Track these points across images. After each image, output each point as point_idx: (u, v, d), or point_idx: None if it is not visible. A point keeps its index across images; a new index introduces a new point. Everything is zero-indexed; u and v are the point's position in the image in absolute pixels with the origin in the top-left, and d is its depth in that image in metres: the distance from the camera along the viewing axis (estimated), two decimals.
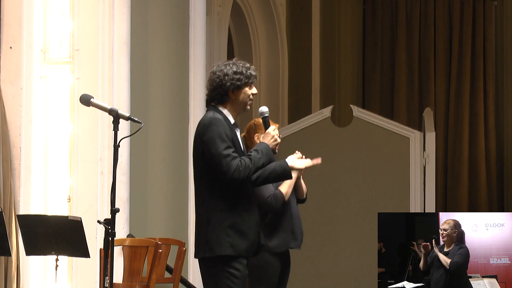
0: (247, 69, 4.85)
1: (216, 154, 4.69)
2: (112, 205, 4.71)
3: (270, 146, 4.86)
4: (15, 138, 7.01)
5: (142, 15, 7.38)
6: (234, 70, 4.81)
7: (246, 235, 4.76)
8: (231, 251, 4.72)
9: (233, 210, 4.74)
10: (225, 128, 4.73)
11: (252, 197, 4.85)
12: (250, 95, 4.88)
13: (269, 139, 4.88)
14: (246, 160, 4.73)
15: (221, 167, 4.68)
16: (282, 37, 11.54)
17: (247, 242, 4.76)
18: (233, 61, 4.89)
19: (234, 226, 4.73)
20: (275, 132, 4.91)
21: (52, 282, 6.90)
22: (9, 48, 7.07)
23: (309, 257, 9.51)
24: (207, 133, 4.73)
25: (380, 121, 9.89)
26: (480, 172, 12.07)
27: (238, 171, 4.68)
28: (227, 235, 4.71)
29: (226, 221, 4.73)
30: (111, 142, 5.37)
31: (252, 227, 4.80)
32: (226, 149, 4.69)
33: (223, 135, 4.71)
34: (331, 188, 9.68)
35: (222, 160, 4.68)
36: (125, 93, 6.98)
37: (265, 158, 4.79)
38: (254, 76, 4.87)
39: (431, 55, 12.42)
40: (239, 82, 4.81)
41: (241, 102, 4.86)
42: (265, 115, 5.00)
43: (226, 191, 4.74)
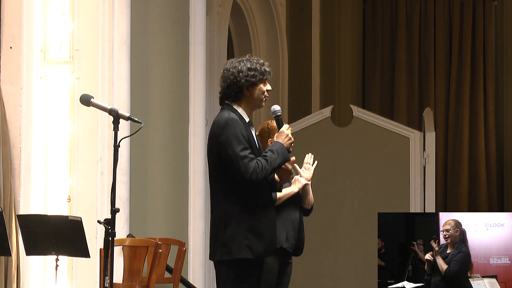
0: (261, 65, 4.79)
1: (233, 155, 4.64)
2: (112, 205, 4.71)
3: (285, 145, 4.81)
4: (15, 138, 7.00)
5: (142, 15, 7.38)
6: (248, 67, 4.76)
7: (264, 236, 4.73)
8: (250, 254, 4.69)
9: (250, 212, 4.71)
10: (241, 129, 4.69)
11: (268, 198, 4.81)
12: (265, 91, 4.82)
13: (283, 138, 4.83)
14: (263, 161, 4.69)
15: (239, 168, 4.64)
16: (282, 37, 11.53)
17: (264, 243, 4.73)
18: (247, 57, 4.83)
19: (251, 229, 4.70)
20: (288, 131, 4.87)
21: (52, 282, 6.90)
22: (9, 48, 7.07)
23: (309, 257, 9.50)
24: (224, 134, 4.68)
25: (380, 121, 9.89)
26: (480, 172, 12.07)
27: (256, 173, 4.64)
28: (245, 238, 4.69)
29: (244, 223, 4.70)
30: (111, 142, 5.37)
31: (269, 228, 4.78)
32: (243, 151, 4.65)
33: (239, 135, 4.66)
34: (331, 188, 9.68)
35: (240, 162, 4.64)
36: (125, 93, 6.98)
37: (281, 158, 4.76)
38: (268, 72, 4.81)
39: (431, 55, 12.42)
40: (254, 79, 4.75)
41: (256, 99, 4.81)
42: (277, 114, 4.94)
43: (242, 192, 4.71)
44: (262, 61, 4.84)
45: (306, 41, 11.92)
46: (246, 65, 4.76)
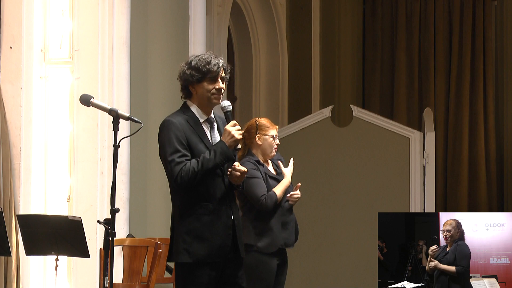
0: (206, 64, 4.70)
1: (163, 160, 4.66)
2: (112, 205, 4.71)
3: (228, 143, 4.65)
4: (15, 138, 7.00)
5: (142, 15, 7.38)
6: (193, 65, 4.71)
7: (207, 240, 4.63)
8: (188, 257, 4.62)
9: (192, 215, 4.63)
10: (176, 131, 4.63)
11: (219, 199, 4.69)
12: (212, 89, 4.72)
13: (225, 135, 4.68)
14: (193, 164, 4.59)
15: (167, 173, 4.65)
16: (282, 37, 11.54)
17: (207, 247, 4.62)
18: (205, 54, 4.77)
19: (191, 232, 4.63)
20: (233, 128, 4.68)
21: (52, 282, 6.90)
22: (9, 48, 7.07)
23: (309, 257, 9.51)
24: (159, 138, 4.70)
25: (380, 121, 9.88)
26: (480, 172, 12.07)
27: (180, 177, 4.58)
28: (183, 242, 4.63)
29: (184, 226, 4.64)
30: (111, 142, 5.36)
31: (217, 230, 4.65)
32: (171, 155, 4.61)
33: (172, 138, 4.62)
34: (331, 188, 9.67)
35: (168, 166, 4.63)
36: (125, 93, 6.98)
37: (219, 158, 4.62)
38: (213, 71, 4.70)
39: (431, 55, 12.42)
40: (191, 78, 4.71)
41: (202, 97, 4.73)
42: (226, 110, 4.78)
43: (186, 195, 4.65)
44: (212, 59, 4.72)
45: (306, 41, 11.91)
46: (190, 64, 4.73)
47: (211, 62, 4.72)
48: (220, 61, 4.76)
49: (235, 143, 4.69)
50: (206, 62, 4.71)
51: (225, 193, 4.73)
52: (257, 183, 5.62)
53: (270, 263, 5.64)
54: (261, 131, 5.75)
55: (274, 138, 5.79)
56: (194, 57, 4.76)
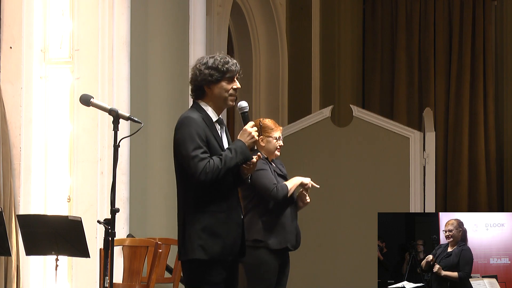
0: (224, 63, 4.70)
1: (185, 155, 4.60)
2: (112, 205, 4.71)
3: (247, 144, 4.67)
4: (15, 138, 7.01)
5: (142, 15, 7.38)
6: (209, 65, 4.69)
7: (221, 237, 4.63)
8: (203, 254, 4.61)
9: (207, 212, 4.63)
10: (197, 128, 4.62)
11: (230, 197, 4.70)
12: (230, 90, 4.72)
13: (245, 136, 4.69)
14: (216, 161, 4.59)
15: (189, 169, 4.59)
16: (282, 37, 11.54)
17: (221, 244, 4.63)
18: (216, 55, 4.76)
19: (206, 228, 4.61)
20: (253, 129, 4.71)
21: (52, 282, 6.90)
22: (9, 48, 7.07)
23: (309, 257, 9.51)
24: (178, 133, 4.66)
25: (380, 121, 9.89)
26: (480, 172, 12.07)
27: (204, 173, 4.56)
28: (199, 238, 4.61)
29: (199, 223, 4.62)
30: (111, 142, 5.36)
31: (230, 228, 4.67)
32: (194, 150, 4.58)
33: (194, 135, 4.61)
34: (331, 188, 9.67)
35: (190, 162, 4.58)
36: (125, 93, 6.98)
37: (239, 157, 4.64)
38: (232, 71, 4.70)
39: (431, 55, 12.42)
40: (210, 78, 4.67)
41: (218, 97, 4.72)
42: (244, 111, 4.78)
43: (200, 192, 4.64)
44: (229, 59, 4.74)
45: (306, 41, 11.91)
46: (207, 63, 4.70)
47: (229, 61, 4.73)
48: (235, 61, 4.78)
49: (254, 144, 4.74)
50: (225, 61, 4.71)
51: (234, 191, 4.76)
52: (266, 174, 5.61)
53: (272, 263, 5.63)
54: (264, 133, 5.74)
55: (277, 140, 5.78)
56: (209, 58, 4.74)
